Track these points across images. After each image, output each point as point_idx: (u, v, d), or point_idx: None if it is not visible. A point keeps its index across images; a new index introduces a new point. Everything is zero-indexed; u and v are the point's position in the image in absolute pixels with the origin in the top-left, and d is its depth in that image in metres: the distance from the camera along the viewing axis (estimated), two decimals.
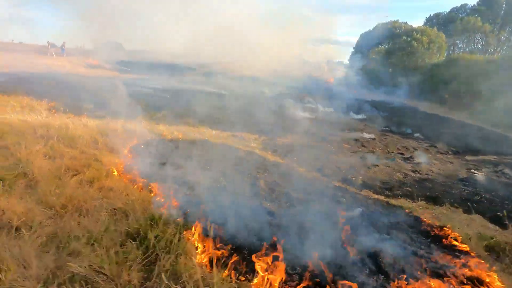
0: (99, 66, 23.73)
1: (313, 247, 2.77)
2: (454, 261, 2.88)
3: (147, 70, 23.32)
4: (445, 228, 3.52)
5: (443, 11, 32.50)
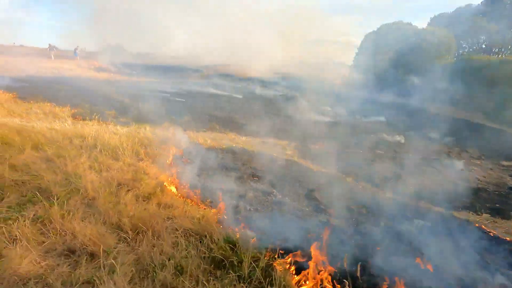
0: (106, 70, 23.47)
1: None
2: None
3: (154, 73, 23.09)
4: None
5: (447, 11, 32.50)
